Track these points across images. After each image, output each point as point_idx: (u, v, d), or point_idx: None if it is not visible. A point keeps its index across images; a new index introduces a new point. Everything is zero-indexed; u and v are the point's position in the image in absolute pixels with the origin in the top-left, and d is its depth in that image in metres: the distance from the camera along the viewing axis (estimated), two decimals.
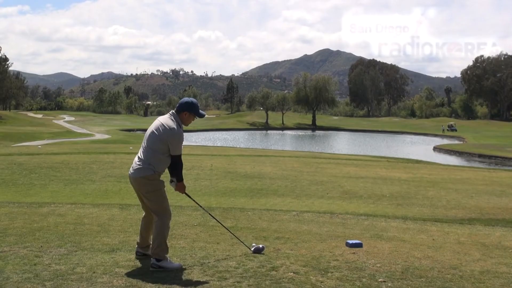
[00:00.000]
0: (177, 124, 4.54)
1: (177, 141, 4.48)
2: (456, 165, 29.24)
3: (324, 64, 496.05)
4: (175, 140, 4.46)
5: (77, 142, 39.28)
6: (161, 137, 4.45)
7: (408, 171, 17.33)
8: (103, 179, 12.35)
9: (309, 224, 6.95)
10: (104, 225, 6.11)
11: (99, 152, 21.38)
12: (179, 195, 5.38)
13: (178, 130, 4.50)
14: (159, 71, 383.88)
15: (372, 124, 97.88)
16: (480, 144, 51.48)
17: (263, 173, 14.31)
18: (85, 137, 50.04)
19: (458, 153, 42.93)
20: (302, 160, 20.66)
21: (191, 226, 6.31)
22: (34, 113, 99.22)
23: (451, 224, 7.77)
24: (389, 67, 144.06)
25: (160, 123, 4.54)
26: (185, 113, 4.61)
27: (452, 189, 12.73)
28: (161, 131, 4.47)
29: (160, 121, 4.57)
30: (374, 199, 10.69)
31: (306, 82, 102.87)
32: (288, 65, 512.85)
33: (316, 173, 15.22)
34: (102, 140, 44.75)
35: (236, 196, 10.61)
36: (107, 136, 52.44)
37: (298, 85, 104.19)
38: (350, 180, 13.65)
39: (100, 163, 15.44)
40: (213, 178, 12.95)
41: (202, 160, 17.31)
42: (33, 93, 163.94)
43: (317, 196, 10.94)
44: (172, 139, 4.45)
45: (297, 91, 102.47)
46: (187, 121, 4.64)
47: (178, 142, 4.49)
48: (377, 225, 7.16)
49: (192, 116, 4.67)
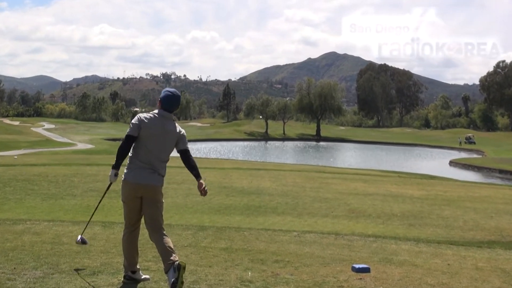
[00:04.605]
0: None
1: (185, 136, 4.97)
2: (474, 181, 29.24)
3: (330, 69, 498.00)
4: (185, 137, 4.95)
5: (57, 152, 39.25)
6: (175, 142, 4.87)
7: (421, 188, 17.31)
8: (85, 194, 12.32)
9: (312, 245, 6.93)
10: (85, 245, 6.08)
11: (81, 163, 21.36)
12: (167, 211, 5.38)
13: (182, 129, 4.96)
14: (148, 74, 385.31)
15: (382, 135, 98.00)
16: (501, 158, 51.50)
17: (262, 189, 14.29)
18: (66, 146, 50.01)
19: (477, 168, 42.92)
20: (304, 174, 20.65)
21: (180, 247, 6.28)
22: (10, 120, 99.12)
23: (468, 248, 7.75)
24: (401, 72, 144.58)
25: (173, 129, 4.84)
26: (159, 100, 4.90)
27: (470, 208, 12.72)
28: (180, 137, 4.88)
29: (172, 127, 4.84)
30: (384, 219, 10.67)
31: (310, 88, 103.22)
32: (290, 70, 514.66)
33: (320, 189, 15.20)
34: (85, 150, 44.72)
35: (231, 214, 10.59)
36: (90, 145, 52.42)
37: (301, 92, 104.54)
38: (358, 197, 13.64)
39: (82, 175, 15.41)
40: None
41: None
42: (10, 97, 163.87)
43: (320, 214, 10.92)
44: (184, 137, 4.93)
45: (300, 98, 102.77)
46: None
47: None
48: (386, 248, 7.14)
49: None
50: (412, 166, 45.92)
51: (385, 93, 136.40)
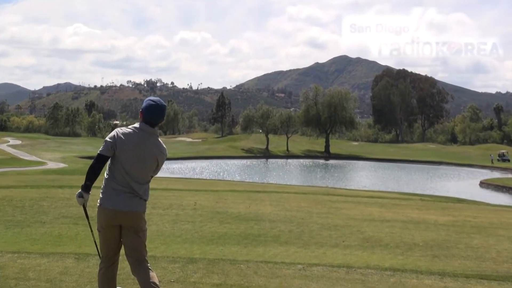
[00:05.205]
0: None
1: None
2: (508, 205, 29.22)
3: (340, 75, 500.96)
4: (163, 161, 4.97)
5: (24, 173, 39.21)
6: (157, 165, 4.89)
7: (447, 213, 17.30)
8: (56, 221, 12.29)
9: (319, 281, 6.92)
10: (54, 281, 6.08)
11: (52, 185, 21.32)
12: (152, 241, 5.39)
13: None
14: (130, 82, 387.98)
15: (402, 152, 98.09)
16: None
17: (261, 215, 14.28)
18: (34, 166, 49.97)
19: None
20: (311, 197, 20.63)
21: (167, 283, 6.28)
22: None
23: (502, 283, 7.73)
24: (423, 79, 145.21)
25: (155, 148, 4.85)
26: (141, 111, 4.94)
27: (504, 236, 12.70)
28: (160, 160, 4.90)
29: (154, 146, 4.85)
30: (404, 249, 10.65)
31: (318, 97, 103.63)
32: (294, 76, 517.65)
33: (330, 214, 15.19)
34: (56, 170, 44.68)
35: (226, 243, 10.57)
36: (62, 164, 52.40)
37: (307, 102, 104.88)
38: (373, 224, 13.62)
39: (52, 199, 15.39)
40: (197, 221, 12.91)
41: (183, 196, 17.27)
42: None
43: (330, 244, 10.90)
44: (163, 161, 4.96)
45: (306, 109, 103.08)
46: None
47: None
48: (406, 283, 7.13)
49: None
50: (437, 187, 45.91)
51: (405, 103, 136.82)
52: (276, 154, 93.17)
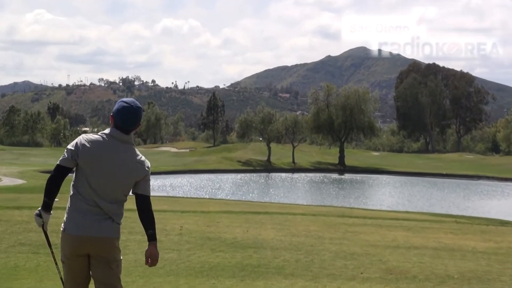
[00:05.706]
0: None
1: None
2: None
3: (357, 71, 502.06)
4: (149, 173, 4.89)
5: None
6: (135, 180, 4.81)
7: (488, 238, 17.31)
8: (12, 249, 12.28)
9: None
10: None
11: (7, 206, 21.30)
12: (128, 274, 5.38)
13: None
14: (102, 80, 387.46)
15: (433, 164, 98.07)
16: None
17: (262, 241, 14.28)
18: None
19: None
20: (322, 220, 20.63)
21: None
22: None
23: None
24: (458, 75, 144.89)
25: (129, 159, 4.81)
26: (111, 115, 4.98)
27: None
28: (140, 172, 4.82)
29: (127, 157, 4.81)
30: (435, 282, 10.66)
31: (330, 98, 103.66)
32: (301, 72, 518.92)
33: (345, 240, 15.19)
34: (13, 188, 44.64)
35: (219, 276, 10.56)
36: (20, 181, 52.33)
37: (317, 103, 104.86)
38: (398, 252, 13.63)
39: (8, 223, 15.38)
40: (184, 248, 12.90)
41: (167, 219, 17.25)
42: None
43: (345, 277, 10.90)
44: (148, 174, 4.89)
45: (315, 112, 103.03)
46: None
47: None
48: None
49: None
50: (475, 207, 45.86)
51: (436, 105, 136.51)
52: (280, 167, 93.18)
